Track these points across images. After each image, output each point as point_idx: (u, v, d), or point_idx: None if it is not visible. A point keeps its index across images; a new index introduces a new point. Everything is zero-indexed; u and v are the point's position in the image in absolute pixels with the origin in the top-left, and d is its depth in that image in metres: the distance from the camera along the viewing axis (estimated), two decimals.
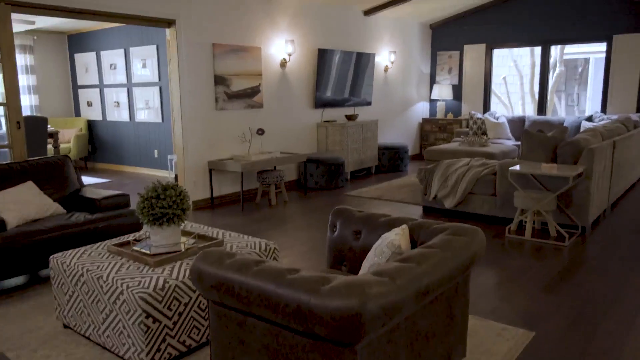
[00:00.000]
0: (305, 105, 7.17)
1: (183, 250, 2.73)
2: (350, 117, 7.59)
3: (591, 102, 12.71)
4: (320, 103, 7.29)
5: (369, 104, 8.22)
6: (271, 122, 6.66)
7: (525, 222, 4.66)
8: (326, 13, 7.30)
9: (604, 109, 8.15)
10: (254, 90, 6.33)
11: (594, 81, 12.69)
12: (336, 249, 2.62)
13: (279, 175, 6.04)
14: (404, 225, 2.28)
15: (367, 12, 7.98)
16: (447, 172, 5.38)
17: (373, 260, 2.17)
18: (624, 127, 6.16)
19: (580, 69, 13.17)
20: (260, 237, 4.68)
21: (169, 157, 7.56)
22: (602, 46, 8.24)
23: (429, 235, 2.27)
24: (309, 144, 7.33)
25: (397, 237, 2.17)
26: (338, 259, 2.64)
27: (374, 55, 8.05)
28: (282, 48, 6.62)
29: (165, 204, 2.61)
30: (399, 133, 9.27)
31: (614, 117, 7.54)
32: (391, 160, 8.17)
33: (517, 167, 4.55)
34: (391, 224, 2.43)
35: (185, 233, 3.11)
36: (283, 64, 6.68)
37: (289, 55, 6.66)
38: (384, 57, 8.60)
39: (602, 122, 7.54)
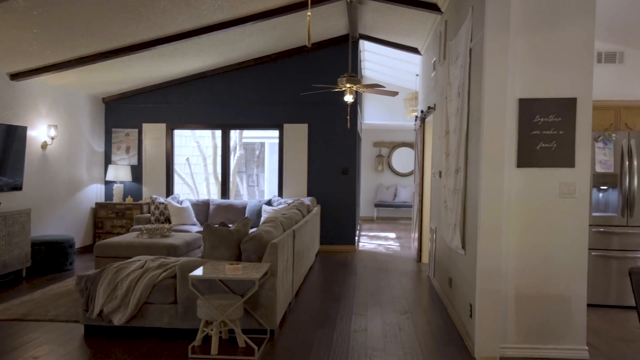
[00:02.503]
0: None
1: None
2: None
3: (269, 183, 13.59)
4: None
5: (19, 188, 6.45)
6: None
7: (211, 334, 3.95)
8: None
9: (280, 193, 8.48)
10: None
11: (269, 163, 13.69)
12: None
13: None
14: None
15: (15, 76, 6.39)
16: (115, 279, 4.28)
17: None
18: (300, 213, 6.30)
19: (257, 152, 14.05)
20: None
21: None
22: (275, 132, 8.71)
23: None
24: None
25: None
26: None
27: (25, 128, 6.44)
28: None
29: None
30: (65, 223, 7.62)
31: (290, 200, 7.86)
32: (51, 259, 6.49)
33: (199, 272, 3.85)
34: None
35: None
36: None
37: None
38: (42, 132, 7.03)
39: (280, 206, 7.74)
